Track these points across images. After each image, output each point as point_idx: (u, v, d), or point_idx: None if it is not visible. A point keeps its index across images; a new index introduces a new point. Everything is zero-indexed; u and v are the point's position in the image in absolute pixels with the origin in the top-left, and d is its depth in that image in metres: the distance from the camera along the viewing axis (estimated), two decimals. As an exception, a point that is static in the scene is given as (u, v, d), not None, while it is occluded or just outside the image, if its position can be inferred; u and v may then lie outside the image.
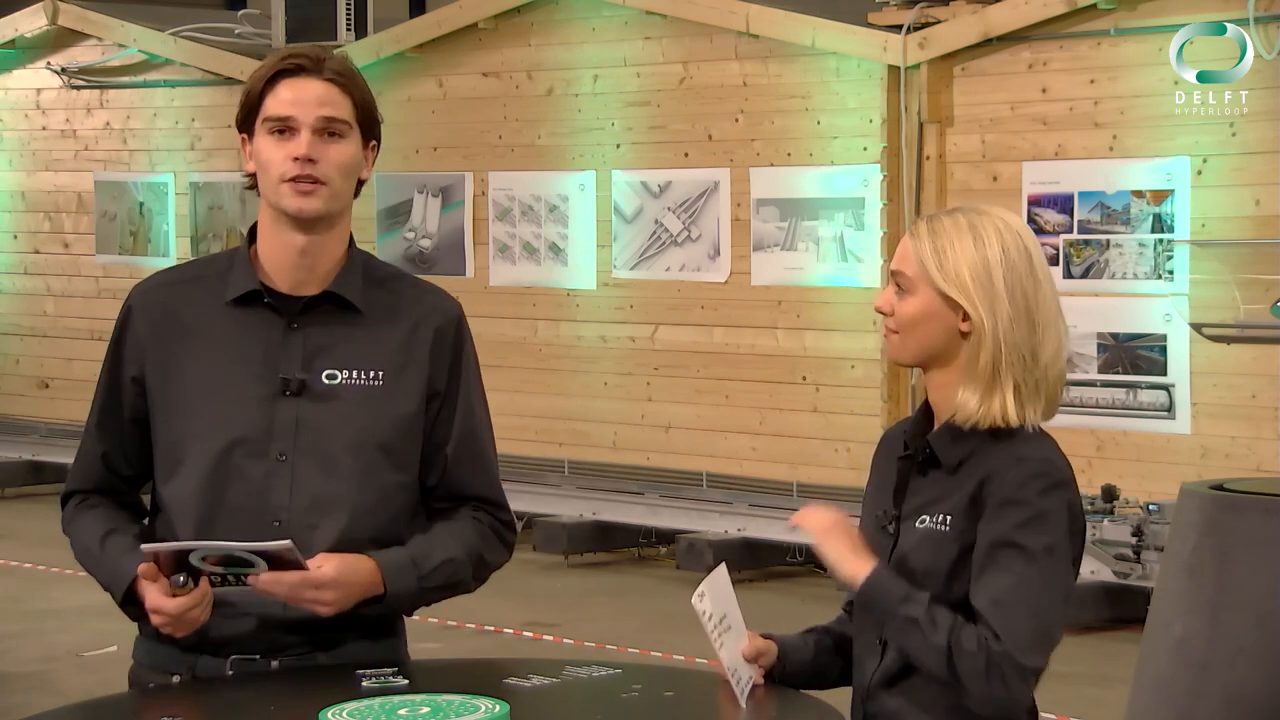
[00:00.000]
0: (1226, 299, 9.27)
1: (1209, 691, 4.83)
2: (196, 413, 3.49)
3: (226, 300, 3.52)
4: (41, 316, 14.55)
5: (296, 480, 3.47)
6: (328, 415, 3.48)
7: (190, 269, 3.68)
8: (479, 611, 9.55)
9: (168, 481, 3.52)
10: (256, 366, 3.50)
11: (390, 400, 3.51)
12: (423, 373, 3.54)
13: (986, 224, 3.34)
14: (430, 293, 3.63)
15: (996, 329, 3.30)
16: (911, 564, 3.33)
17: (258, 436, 3.47)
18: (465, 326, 3.62)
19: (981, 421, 3.31)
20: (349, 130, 3.49)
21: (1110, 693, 7.58)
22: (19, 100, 14.70)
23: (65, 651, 8.86)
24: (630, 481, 11.46)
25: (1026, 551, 3.24)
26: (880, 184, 10.42)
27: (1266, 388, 9.26)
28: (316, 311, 3.52)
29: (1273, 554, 4.80)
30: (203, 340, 3.52)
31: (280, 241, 3.51)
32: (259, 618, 3.47)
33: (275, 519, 3.46)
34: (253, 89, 3.50)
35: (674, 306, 11.33)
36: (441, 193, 12.19)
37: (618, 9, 11.44)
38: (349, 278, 3.54)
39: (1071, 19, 9.80)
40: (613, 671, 3.46)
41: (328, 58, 3.51)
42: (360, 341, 3.52)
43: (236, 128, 3.56)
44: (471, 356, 3.63)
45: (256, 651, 3.49)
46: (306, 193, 3.45)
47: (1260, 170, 9.28)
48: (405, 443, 3.53)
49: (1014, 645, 3.20)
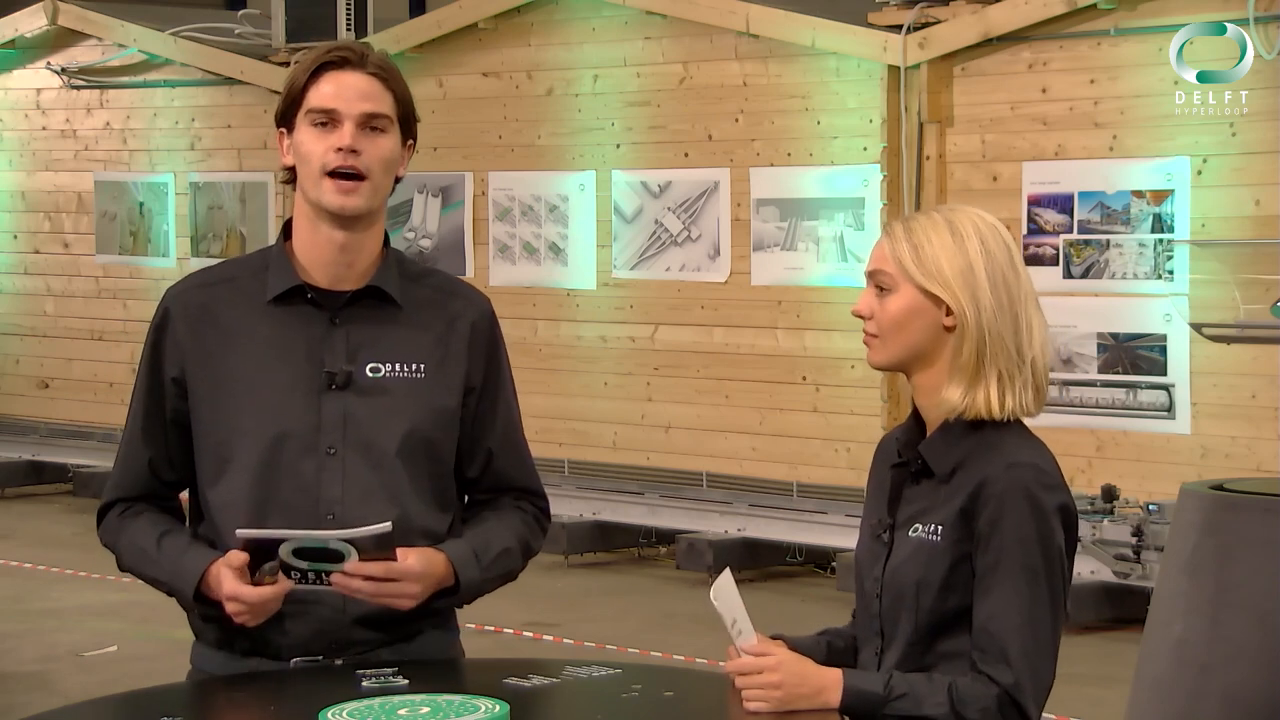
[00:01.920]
0: (1226, 299, 9.27)
1: (1209, 691, 4.83)
2: (243, 410, 3.49)
3: (268, 299, 3.52)
4: (41, 316, 14.55)
5: (348, 473, 3.48)
6: (374, 408, 3.50)
7: (225, 270, 3.67)
8: (479, 611, 9.51)
9: (216, 482, 3.51)
10: (301, 362, 3.51)
11: (432, 392, 3.55)
12: (461, 367, 3.58)
13: (963, 219, 3.34)
14: (462, 288, 3.68)
15: (980, 319, 3.29)
16: (904, 575, 3.33)
17: (306, 431, 3.48)
18: (497, 322, 3.68)
19: (967, 413, 3.30)
20: (390, 125, 3.50)
21: (1110, 693, 7.58)
22: (19, 100, 14.70)
23: (65, 651, 8.85)
24: (630, 481, 11.46)
25: (1025, 571, 3.24)
26: (880, 184, 10.42)
27: (1266, 388, 9.26)
28: (357, 306, 3.54)
29: (1273, 554, 4.80)
30: (245, 339, 3.52)
31: (320, 238, 3.52)
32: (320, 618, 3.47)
33: (329, 512, 3.47)
34: (296, 81, 3.50)
35: (674, 306, 11.33)
36: (441, 193, 12.20)
37: (618, 9, 11.44)
38: (388, 273, 3.56)
39: (1071, 19, 9.80)
40: (613, 671, 3.46)
41: (370, 52, 3.53)
42: (401, 335, 3.55)
43: (275, 122, 3.56)
44: (504, 351, 3.69)
45: (319, 652, 3.49)
46: (349, 190, 3.46)
47: (1260, 170, 9.27)
48: (445, 434, 3.57)
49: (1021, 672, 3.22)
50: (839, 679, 3.26)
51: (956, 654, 3.29)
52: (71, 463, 13.53)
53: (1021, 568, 3.24)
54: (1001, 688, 3.22)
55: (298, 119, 3.50)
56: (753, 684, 3.24)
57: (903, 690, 3.24)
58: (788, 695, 3.23)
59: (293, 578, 3.35)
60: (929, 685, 3.25)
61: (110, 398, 13.39)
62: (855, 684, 3.25)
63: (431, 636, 3.58)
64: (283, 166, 3.57)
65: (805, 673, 3.26)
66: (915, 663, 3.31)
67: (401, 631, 3.52)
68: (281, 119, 3.54)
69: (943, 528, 3.29)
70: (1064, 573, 3.30)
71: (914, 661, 3.32)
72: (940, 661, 3.30)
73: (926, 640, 3.31)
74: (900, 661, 3.33)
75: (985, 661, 3.24)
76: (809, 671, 3.26)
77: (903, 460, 3.40)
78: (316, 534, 3.33)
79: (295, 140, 3.51)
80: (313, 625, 3.47)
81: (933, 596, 3.29)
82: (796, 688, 3.24)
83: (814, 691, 3.25)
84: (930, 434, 3.37)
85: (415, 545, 3.46)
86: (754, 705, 3.23)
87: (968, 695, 3.23)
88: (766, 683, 3.23)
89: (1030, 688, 3.24)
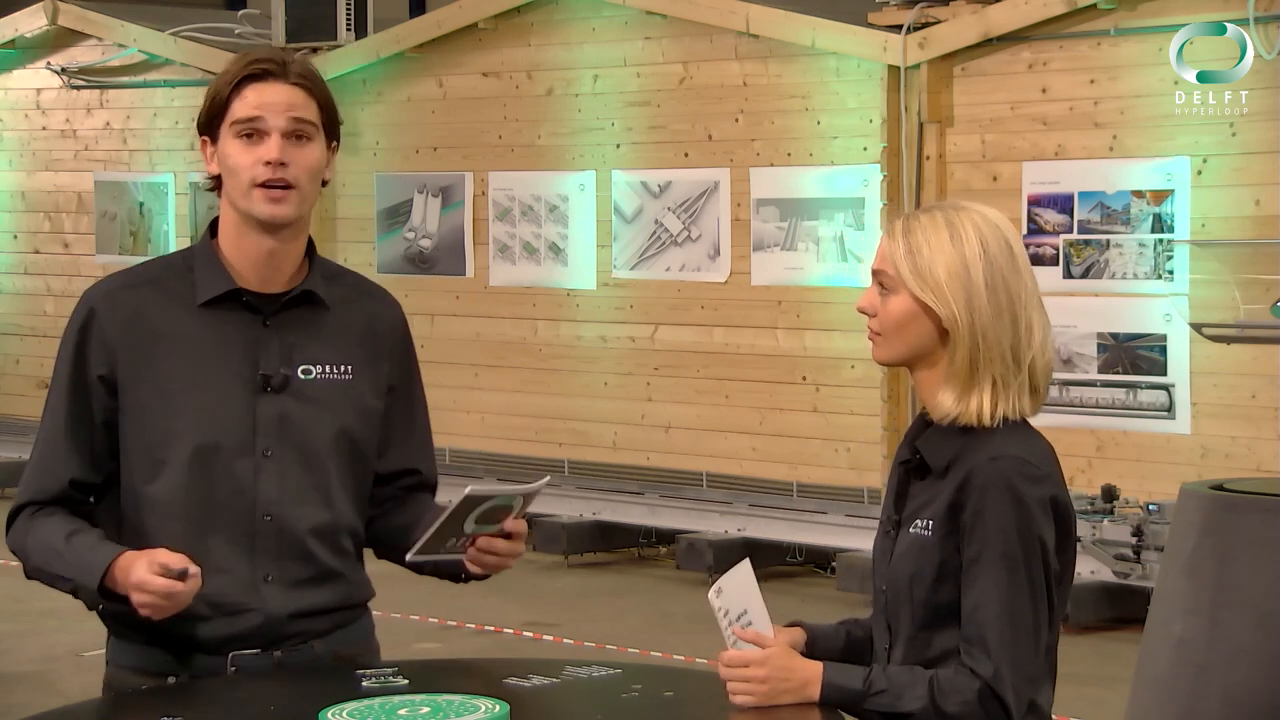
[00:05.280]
0: (1226, 299, 9.27)
1: (1209, 691, 4.84)
2: (178, 412, 3.51)
3: (200, 302, 3.55)
4: (41, 316, 14.55)
5: (284, 475, 3.53)
6: (308, 410, 3.55)
7: (147, 271, 3.67)
8: (479, 611, 9.56)
9: (149, 482, 3.52)
10: (235, 364, 3.54)
11: (359, 393, 3.61)
12: (384, 366, 3.65)
13: (964, 220, 3.32)
14: (375, 288, 3.76)
15: (974, 326, 3.28)
16: (902, 570, 3.33)
17: (242, 433, 3.52)
18: (406, 320, 3.76)
19: (960, 419, 3.30)
20: (316, 132, 3.55)
21: (1110, 693, 7.58)
22: (19, 100, 14.70)
23: (65, 651, 8.85)
24: (630, 481, 11.46)
25: (1004, 560, 3.24)
26: (880, 184, 10.42)
27: (1266, 388, 9.26)
28: (289, 309, 3.58)
29: (1273, 554, 4.80)
30: (177, 341, 3.54)
31: (248, 244, 3.56)
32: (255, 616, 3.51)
33: (266, 513, 3.52)
34: (219, 92, 3.53)
35: (674, 306, 11.33)
36: (441, 193, 12.19)
37: (618, 9, 11.44)
38: (316, 276, 3.62)
39: (1071, 19, 9.80)
40: (613, 671, 3.46)
41: (291, 61, 3.56)
42: (329, 337, 3.60)
43: (198, 131, 3.59)
44: (414, 348, 3.78)
45: (255, 646, 3.52)
46: (278, 199, 3.50)
47: (1260, 170, 9.27)
48: (371, 434, 3.64)
49: (1000, 662, 3.21)
50: (820, 672, 3.26)
51: (957, 650, 3.29)
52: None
53: (1001, 557, 3.24)
54: (982, 680, 3.22)
55: (222, 130, 3.53)
56: (738, 677, 3.25)
57: (881, 686, 3.24)
58: (773, 690, 3.24)
59: (452, 548, 3.43)
60: (910, 679, 3.25)
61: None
62: (834, 679, 3.26)
63: (355, 628, 3.64)
64: (208, 175, 3.60)
65: (791, 666, 3.27)
66: (918, 657, 3.32)
67: (330, 623, 3.59)
68: (204, 128, 3.57)
69: (934, 522, 3.30)
70: (1048, 564, 3.28)
71: (916, 656, 3.32)
72: (943, 657, 3.29)
73: (925, 635, 3.31)
74: (904, 656, 3.33)
75: (968, 653, 3.25)
76: (795, 665, 3.27)
77: (908, 457, 3.41)
78: (520, 489, 3.42)
79: (221, 151, 3.54)
80: (253, 620, 3.51)
81: (926, 590, 3.30)
82: (782, 682, 3.25)
83: (799, 685, 3.26)
84: (928, 430, 3.37)
85: (342, 543, 3.58)
86: (739, 699, 3.25)
87: (949, 688, 3.23)
88: (752, 676, 3.25)
89: (1010, 677, 3.23)
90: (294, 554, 3.53)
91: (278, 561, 3.52)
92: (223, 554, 3.49)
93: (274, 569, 3.52)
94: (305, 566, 3.54)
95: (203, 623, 3.49)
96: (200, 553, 3.43)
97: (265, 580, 3.52)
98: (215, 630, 3.50)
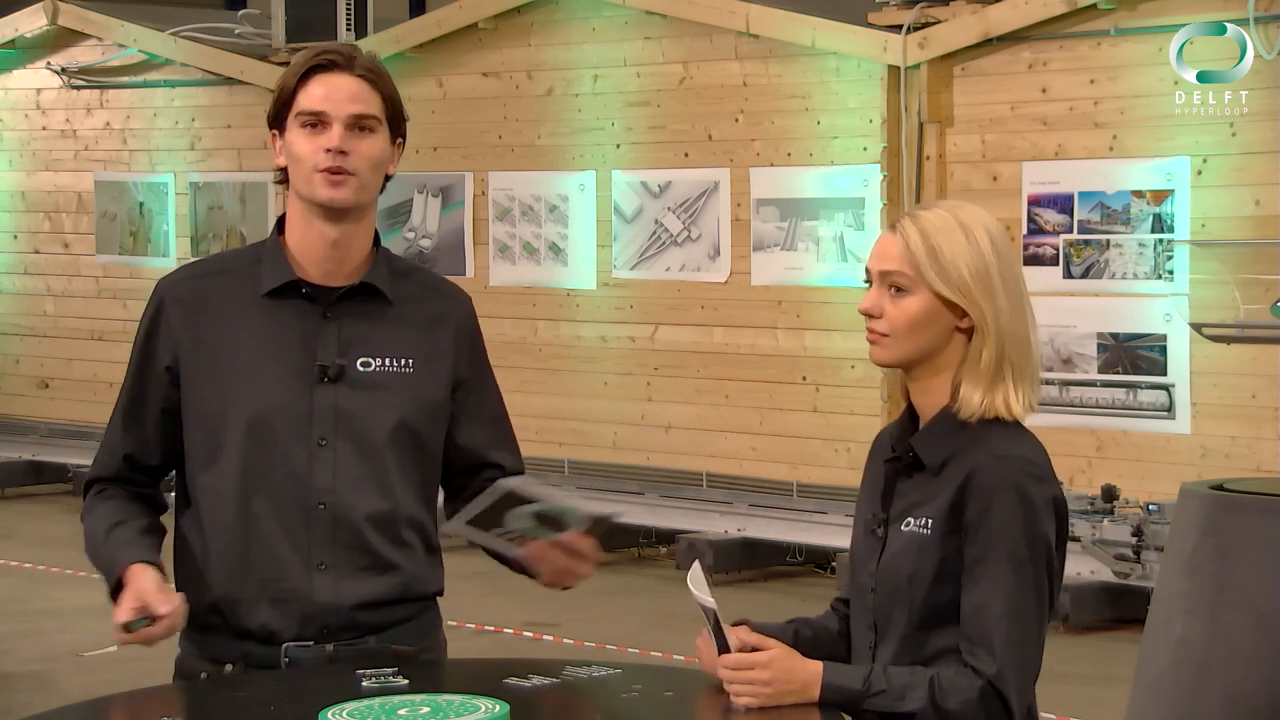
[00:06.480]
0: (1226, 299, 9.27)
1: (1209, 691, 4.84)
2: (236, 399, 3.55)
3: (262, 293, 3.59)
4: (41, 316, 14.55)
5: (339, 463, 3.55)
6: (364, 401, 3.57)
7: (218, 261, 3.78)
8: (479, 611, 9.56)
9: (207, 468, 3.56)
10: (293, 355, 3.57)
11: (420, 386, 3.62)
12: (448, 361, 3.66)
13: (970, 218, 3.33)
14: (447, 285, 3.78)
15: (999, 323, 3.30)
16: (898, 569, 3.33)
17: (297, 421, 3.54)
18: (477, 317, 3.77)
19: (986, 414, 3.31)
20: (378, 125, 3.58)
21: (1110, 693, 7.58)
22: (19, 100, 14.70)
23: (65, 651, 8.85)
24: (630, 481, 11.46)
25: (1010, 560, 3.24)
26: (880, 184, 10.42)
27: (1266, 388, 9.26)
28: (349, 302, 3.61)
29: (1273, 554, 4.80)
30: (239, 329, 3.59)
31: (313, 234, 3.59)
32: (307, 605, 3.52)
33: (320, 501, 3.54)
34: (286, 85, 3.59)
35: (674, 306, 11.33)
36: (441, 193, 12.19)
37: (618, 9, 11.44)
38: (379, 269, 3.64)
39: (1071, 19, 9.80)
40: (613, 671, 3.46)
41: (357, 54, 3.61)
42: (391, 330, 3.62)
43: (268, 124, 3.64)
44: (483, 343, 3.78)
45: (309, 637, 3.53)
46: (337, 183, 3.53)
47: (1260, 170, 9.28)
48: (433, 427, 3.64)
49: (1005, 662, 3.21)
50: (819, 673, 3.26)
51: (953, 649, 3.29)
52: (71, 463, 13.52)
53: (1008, 558, 3.24)
54: (985, 679, 3.22)
55: (289, 121, 3.58)
56: (742, 679, 3.25)
57: (881, 687, 3.24)
58: (777, 692, 3.24)
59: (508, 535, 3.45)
60: (911, 679, 3.25)
61: (110, 398, 13.18)
62: (834, 680, 3.26)
63: (416, 624, 3.64)
64: (276, 167, 3.64)
65: (794, 668, 3.27)
66: (912, 656, 3.31)
67: (386, 616, 3.58)
68: (273, 121, 3.62)
69: (933, 520, 3.30)
70: (1051, 564, 3.30)
71: (911, 655, 3.32)
72: (938, 656, 3.29)
73: (922, 634, 3.32)
74: (895, 655, 3.33)
75: (970, 652, 3.25)
76: (797, 666, 3.27)
77: (896, 454, 3.40)
78: (581, 505, 3.44)
79: (287, 141, 3.59)
80: (303, 609, 3.52)
81: (925, 589, 3.30)
82: (785, 684, 3.25)
83: (801, 687, 3.25)
84: (922, 427, 3.37)
85: (403, 535, 3.57)
86: (743, 701, 3.24)
87: (950, 687, 3.23)
88: (756, 679, 3.24)
89: (1014, 678, 3.23)
90: (350, 543, 3.54)
91: (332, 550, 3.53)
92: (276, 539, 3.52)
93: (328, 557, 3.53)
94: (361, 556, 3.55)
95: (252, 608, 3.52)
96: (253, 538, 3.50)
97: (319, 568, 3.53)
98: (265, 617, 3.52)
